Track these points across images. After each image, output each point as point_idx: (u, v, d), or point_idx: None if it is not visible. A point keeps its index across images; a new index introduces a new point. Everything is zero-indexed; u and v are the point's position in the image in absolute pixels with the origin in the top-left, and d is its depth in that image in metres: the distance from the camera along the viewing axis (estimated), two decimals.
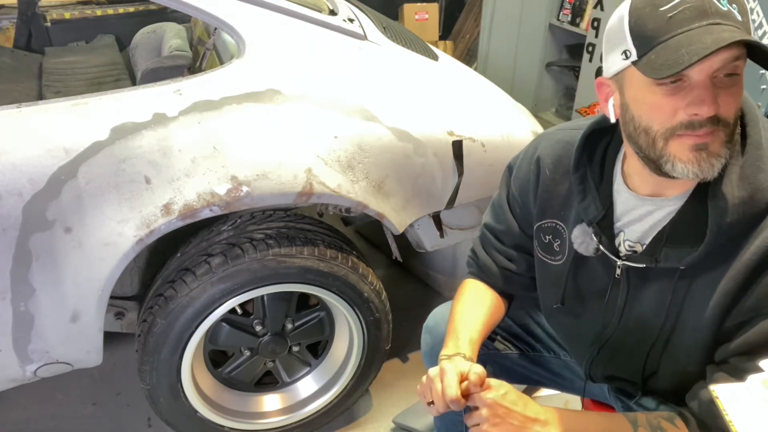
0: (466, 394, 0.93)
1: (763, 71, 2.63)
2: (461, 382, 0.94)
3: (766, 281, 0.85)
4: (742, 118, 0.91)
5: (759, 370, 0.83)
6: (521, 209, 1.17)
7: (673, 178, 0.87)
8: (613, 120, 0.93)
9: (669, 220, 0.94)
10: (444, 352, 1.07)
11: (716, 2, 0.79)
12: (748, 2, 2.55)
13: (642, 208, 0.97)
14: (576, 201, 1.04)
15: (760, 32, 2.58)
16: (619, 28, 0.86)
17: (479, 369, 0.95)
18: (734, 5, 0.80)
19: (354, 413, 1.90)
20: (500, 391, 0.91)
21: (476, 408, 0.93)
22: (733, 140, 0.86)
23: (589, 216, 1.01)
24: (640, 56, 0.83)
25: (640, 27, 0.82)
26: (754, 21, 2.57)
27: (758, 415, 0.74)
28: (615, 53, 0.87)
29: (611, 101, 0.92)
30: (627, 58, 0.85)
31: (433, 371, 0.98)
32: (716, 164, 0.84)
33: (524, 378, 1.36)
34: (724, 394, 0.77)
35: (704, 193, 0.89)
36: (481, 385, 0.93)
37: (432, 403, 0.96)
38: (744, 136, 0.90)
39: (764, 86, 2.64)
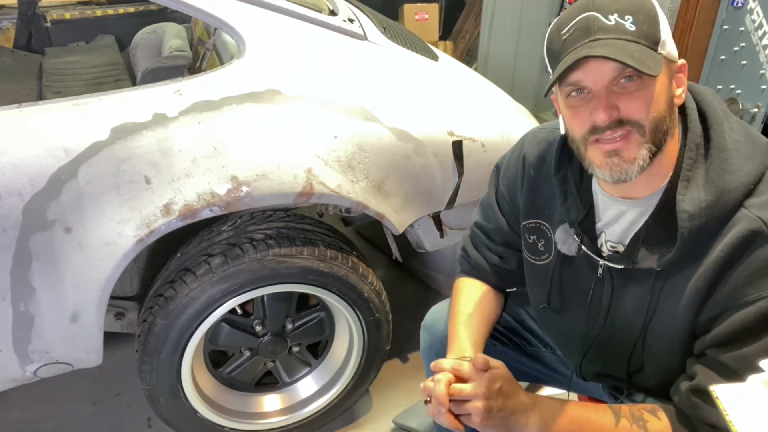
0: (454, 394, 0.94)
1: (763, 71, 2.63)
2: (455, 380, 0.95)
3: (735, 276, 0.88)
4: (704, 122, 0.94)
5: (755, 368, 0.83)
6: (510, 207, 1.19)
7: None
8: (562, 131, 0.99)
9: (644, 222, 0.96)
10: (449, 357, 1.09)
11: (602, 19, 0.85)
12: (748, 3, 2.54)
13: (615, 209, 1.00)
14: (558, 202, 1.06)
15: (760, 32, 2.57)
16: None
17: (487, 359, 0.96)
18: (627, 17, 0.85)
19: (354, 413, 1.90)
20: (495, 384, 0.92)
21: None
22: (659, 140, 0.89)
23: (571, 217, 1.04)
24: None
25: (549, 50, 0.92)
26: (754, 21, 2.56)
27: (758, 415, 0.74)
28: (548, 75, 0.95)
29: (561, 116, 0.98)
30: (551, 77, 0.92)
31: (435, 362, 1.00)
32: (631, 168, 0.89)
33: (522, 375, 1.37)
34: (725, 394, 0.78)
35: (675, 196, 0.91)
36: (486, 368, 0.94)
37: (429, 401, 0.97)
38: (707, 138, 0.92)
39: (764, 86, 2.64)
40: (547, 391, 1.85)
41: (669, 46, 0.89)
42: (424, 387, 0.97)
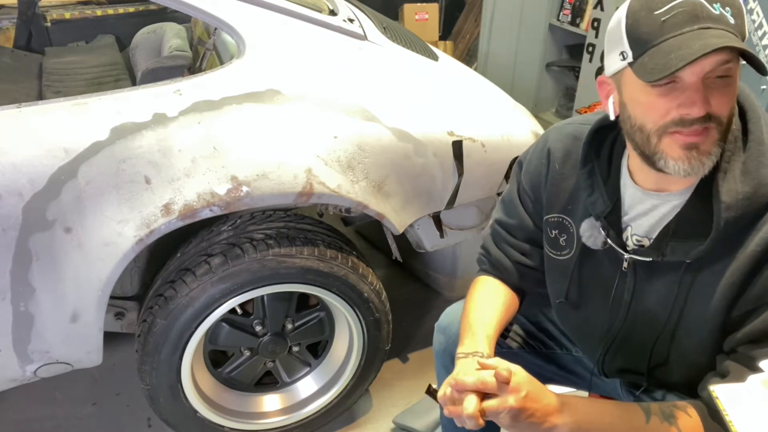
0: (484, 412, 0.90)
1: None
2: (480, 394, 0.91)
3: None
4: (743, 115, 0.93)
5: (759, 370, 0.83)
6: (533, 203, 1.18)
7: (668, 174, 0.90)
8: (612, 117, 0.96)
9: (675, 214, 0.95)
10: (460, 349, 1.06)
11: (708, 6, 0.82)
12: (748, 3, 2.54)
13: (647, 203, 0.99)
14: (584, 195, 1.05)
15: (760, 32, 2.57)
16: (617, 30, 0.89)
17: (506, 365, 0.92)
18: (727, 8, 0.82)
19: (354, 413, 1.90)
20: (521, 393, 0.89)
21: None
22: (726, 138, 0.88)
23: (597, 210, 1.03)
24: (635, 58, 0.86)
25: (636, 30, 0.85)
26: (754, 21, 2.57)
27: (758, 415, 0.74)
28: (614, 54, 0.90)
29: (611, 99, 0.95)
30: (624, 59, 0.88)
31: (456, 380, 0.93)
32: (707, 162, 0.87)
33: (537, 376, 1.35)
34: (724, 394, 0.78)
35: (708, 188, 0.91)
36: (508, 381, 0.90)
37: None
38: (745, 132, 0.92)
39: (764, 86, 2.64)
40: (552, 389, 1.85)
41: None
42: (449, 412, 0.92)
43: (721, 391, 0.78)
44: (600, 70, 3.27)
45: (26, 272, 1.29)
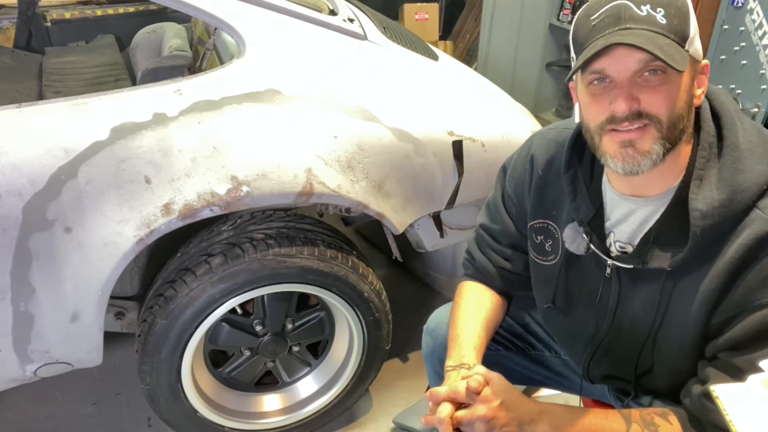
0: (458, 422, 0.92)
1: (763, 71, 2.63)
2: (456, 405, 0.95)
3: (749, 278, 0.87)
4: (717, 121, 0.93)
5: (758, 369, 0.83)
6: (517, 209, 1.18)
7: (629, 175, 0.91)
8: (576, 121, 0.98)
9: (655, 221, 0.95)
10: (448, 362, 1.07)
11: (634, 8, 0.85)
12: (748, 3, 2.54)
13: (624, 207, 0.99)
14: (568, 201, 1.05)
15: (760, 32, 2.57)
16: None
17: (480, 371, 0.95)
18: (659, 9, 0.85)
19: (354, 413, 1.90)
20: (493, 403, 0.91)
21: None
22: (672, 138, 0.88)
23: (580, 215, 1.03)
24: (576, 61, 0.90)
25: (576, 35, 0.92)
26: (754, 21, 2.56)
27: (758, 415, 0.74)
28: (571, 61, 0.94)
29: (577, 104, 0.98)
30: (573, 63, 0.92)
31: (430, 392, 0.98)
32: (644, 161, 0.88)
33: (525, 378, 1.36)
34: (725, 394, 0.78)
35: (687, 195, 0.91)
36: (479, 391, 0.92)
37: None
38: (720, 138, 0.92)
39: (764, 86, 2.64)
40: (543, 392, 1.85)
41: (696, 44, 0.88)
42: (425, 421, 0.96)
43: (721, 391, 0.78)
44: None
45: (26, 272, 1.29)
